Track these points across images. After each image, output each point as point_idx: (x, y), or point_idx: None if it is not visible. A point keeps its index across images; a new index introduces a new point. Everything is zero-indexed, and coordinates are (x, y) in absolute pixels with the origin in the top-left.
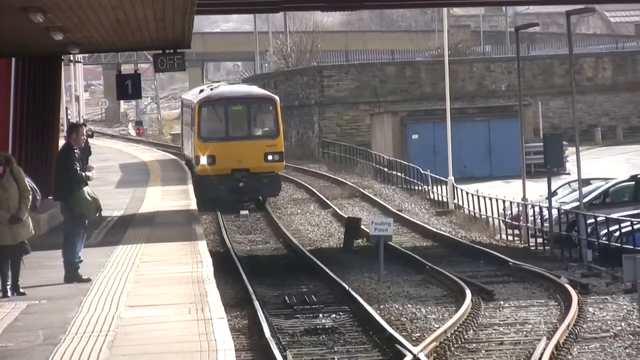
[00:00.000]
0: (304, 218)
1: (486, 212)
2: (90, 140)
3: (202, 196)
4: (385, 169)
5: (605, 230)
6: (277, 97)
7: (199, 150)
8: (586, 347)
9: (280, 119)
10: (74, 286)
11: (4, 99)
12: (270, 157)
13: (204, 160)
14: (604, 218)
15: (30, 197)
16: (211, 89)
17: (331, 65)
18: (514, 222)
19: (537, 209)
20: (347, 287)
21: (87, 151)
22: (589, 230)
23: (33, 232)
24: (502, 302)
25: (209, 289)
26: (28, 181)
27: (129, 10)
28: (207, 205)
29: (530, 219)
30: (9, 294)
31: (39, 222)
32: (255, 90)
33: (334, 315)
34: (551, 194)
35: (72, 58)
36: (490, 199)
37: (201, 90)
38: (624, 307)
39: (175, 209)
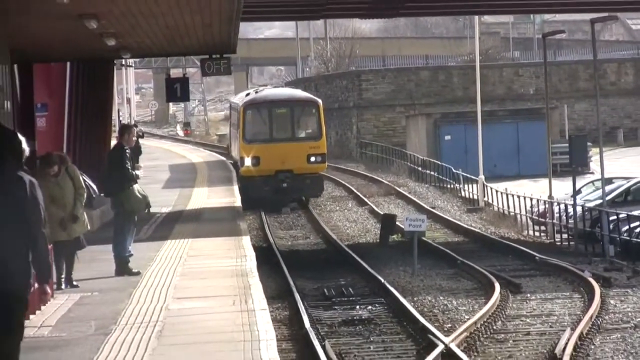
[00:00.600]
0: (342, 215)
1: (514, 209)
2: (140, 141)
3: (246, 196)
4: (420, 168)
5: (627, 227)
6: (319, 100)
7: (244, 151)
8: (608, 338)
9: (322, 122)
10: (124, 279)
11: (59, 101)
12: (313, 159)
13: (248, 161)
14: (625, 215)
15: (85, 194)
16: (256, 92)
17: (369, 70)
18: (540, 219)
19: (562, 206)
20: (382, 280)
21: (137, 151)
22: (611, 226)
23: (88, 227)
24: (528, 295)
25: (252, 282)
26: (84, 179)
27: (177, 16)
28: (251, 204)
29: (556, 215)
30: (63, 286)
31: (92, 218)
32: (298, 93)
33: (370, 307)
34: (576, 192)
35: (123, 62)
36: (519, 196)
37: (247, 94)
38: None
39: (220, 206)
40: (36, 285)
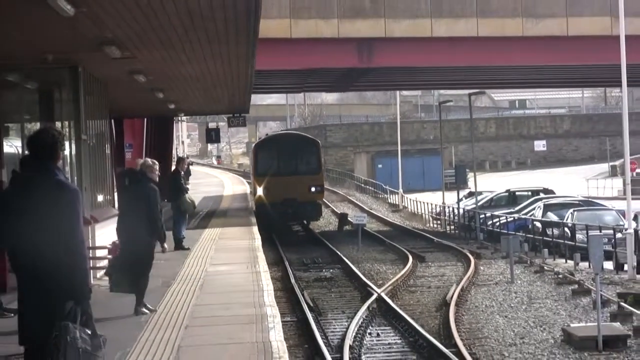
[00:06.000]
0: None
1: (421, 210)
2: (190, 167)
3: (259, 219)
4: (362, 185)
5: (491, 222)
6: (318, 141)
7: (256, 183)
8: (479, 290)
9: (321, 158)
10: (180, 252)
11: (139, 141)
12: (313, 189)
13: (260, 191)
14: (489, 214)
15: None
16: (266, 135)
17: (331, 124)
18: (437, 216)
19: (451, 208)
20: (339, 253)
21: (188, 173)
22: (481, 221)
23: None
24: (430, 263)
25: (259, 255)
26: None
27: (213, 91)
28: (262, 226)
29: (447, 214)
30: None
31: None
32: (301, 135)
33: (331, 270)
34: (459, 200)
35: (179, 118)
36: (424, 202)
37: (259, 138)
38: (501, 267)
39: (239, 207)
40: None
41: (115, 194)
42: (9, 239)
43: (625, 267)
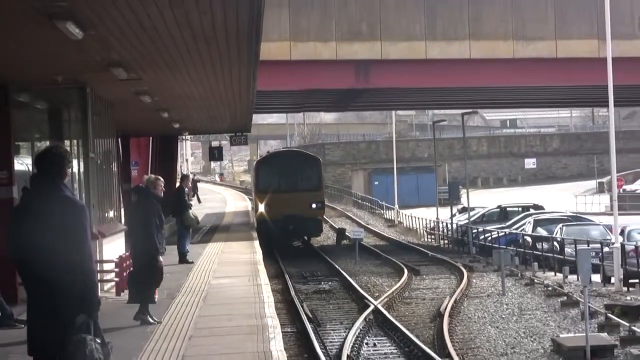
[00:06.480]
0: None
1: (416, 225)
2: (197, 184)
3: (260, 235)
4: (359, 201)
5: (483, 236)
6: (319, 158)
7: (258, 199)
8: (471, 302)
9: (321, 175)
10: (184, 266)
11: (145, 159)
12: (314, 206)
13: (261, 207)
14: (482, 229)
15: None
16: (267, 152)
17: (329, 142)
18: (431, 231)
19: (444, 223)
20: (337, 267)
21: (195, 188)
22: (473, 236)
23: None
24: (424, 276)
25: (260, 268)
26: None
27: (216, 111)
28: (264, 242)
29: (441, 229)
30: None
31: (167, 229)
32: (301, 152)
33: (330, 283)
34: (452, 215)
35: (183, 137)
36: (419, 218)
37: (260, 155)
38: (493, 279)
39: (241, 222)
40: None
41: (122, 210)
42: (20, 252)
43: (612, 279)
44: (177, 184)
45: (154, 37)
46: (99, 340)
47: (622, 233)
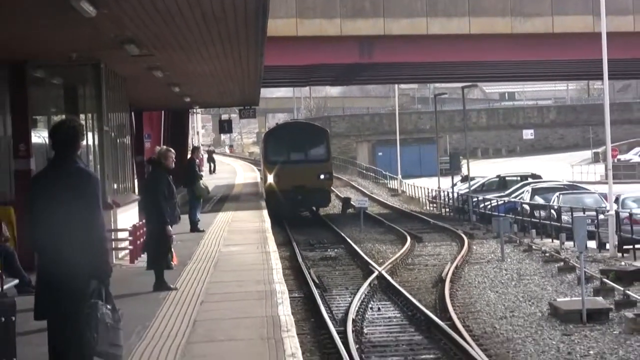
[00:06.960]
0: None
1: (418, 194)
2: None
3: (268, 207)
4: (364, 171)
5: (483, 204)
6: (327, 130)
7: (267, 170)
8: (472, 267)
9: (329, 147)
10: (195, 234)
11: (157, 132)
12: (322, 177)
13: (270, 178)
14: (481, 198)
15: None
16: (277, 124)
17: (334, 115)
18: (433, 200)
19: (446, 193)
20: (343, 235)
21: (211, 159)
22: (473, 204)
23: None
24: (426, 243)
25: (268, 236)
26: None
27: (226, 86)
28: (272, 213)
29: (442, 198)
30: None
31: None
32: (310, 124)
33: (335, 250)
34: (453, 185)
35: (194, 110)
36: (421, 187)
37: (269, 127)
38: (493, 246)
39: (250, 192)
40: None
41: (135, 181)
42: (35, 222)
43: (607, 246)
44: (189, 156)
45: (166, 17)
46: (109, 306)
47: (616, 201)
